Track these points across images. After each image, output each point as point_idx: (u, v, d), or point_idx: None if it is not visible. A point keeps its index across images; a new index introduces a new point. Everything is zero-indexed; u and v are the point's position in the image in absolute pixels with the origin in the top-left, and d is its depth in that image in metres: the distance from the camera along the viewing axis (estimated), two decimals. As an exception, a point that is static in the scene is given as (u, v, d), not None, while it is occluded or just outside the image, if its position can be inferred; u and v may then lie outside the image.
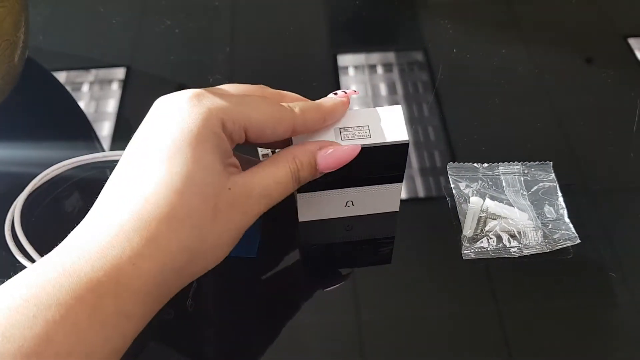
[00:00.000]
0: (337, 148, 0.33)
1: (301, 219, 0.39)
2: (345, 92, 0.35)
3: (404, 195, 0.43)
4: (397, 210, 0.39)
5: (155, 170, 0.28)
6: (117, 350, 0.27)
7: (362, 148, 0.34)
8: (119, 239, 0.27)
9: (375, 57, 0.54)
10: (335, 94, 0.35)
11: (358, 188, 0.37)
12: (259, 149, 0.42)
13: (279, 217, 0.41)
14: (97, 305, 0.25)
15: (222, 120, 0.30)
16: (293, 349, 0.35)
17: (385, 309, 0.37)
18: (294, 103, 0.33)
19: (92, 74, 0.52)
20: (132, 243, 0.27)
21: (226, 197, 0.29)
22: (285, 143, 0.35)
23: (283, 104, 0.33)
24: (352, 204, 0.38)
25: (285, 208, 0.41)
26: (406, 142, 0.34)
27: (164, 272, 0.27)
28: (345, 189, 0.37)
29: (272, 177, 0.32)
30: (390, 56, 0.54)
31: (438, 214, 0.41)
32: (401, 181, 0.37)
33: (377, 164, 0.36)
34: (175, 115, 0.29)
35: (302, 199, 0.37)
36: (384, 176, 0.37)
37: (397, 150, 0.35)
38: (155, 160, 0.28)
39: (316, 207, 0.38)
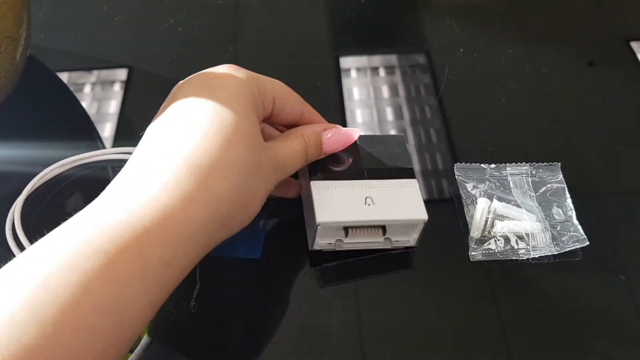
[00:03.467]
0: (339, 130, 0.36)
1: (319, 219, 0.35)
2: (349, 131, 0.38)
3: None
4: (425, 219, 0.35)
5: (204, 120, 0.29)
6: (155, 302, 0.27)
7: (362, 137, 0.38)
8: (169, 186, 0.27)
9: (377, 59, 0.54)
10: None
11: (372, 182, 0.37)
12: None
13: (283, 218, 0.41)
14: (140, 256, 0.25)
15: (257, 86, 0.32)
16: (296, 350, 0.35)
17: (390, 310, 0.37)
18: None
19: (95, 73, 0.52)
20: (184, 188, 0.27)
21: (264, 154, 0.32)
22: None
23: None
24: (372, 202, 0.36)
25: (290, 209, 0.40)
26: (401, 135, 0.40)
27: (212, 218, 0.28)
28: (360, 182, 0.37)
29: (288, 148, 0.34)
30: (393, 58, 0.54)
31: (445, 215, 0.41)
32: (413, 177, 0.37)
33: (380, 151, 0.39)
34: (217, 77, 0.31)
35: (317, 187, 0.36)
36: (393, 168, 0.38)
37: (396, 140, 0.40)
38: (202, 112, 0.29)
39: (333, 202, 0.36)
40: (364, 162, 0.38)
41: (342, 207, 0.35)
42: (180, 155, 0.28)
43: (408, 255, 0.39)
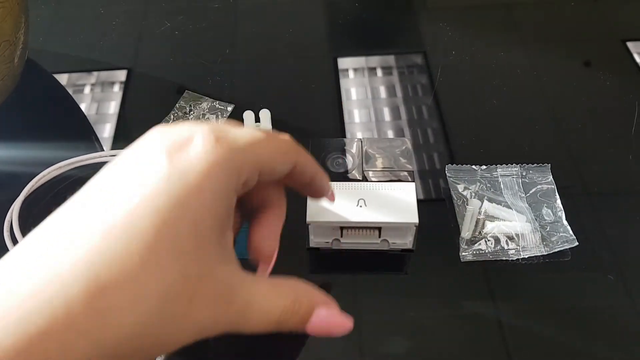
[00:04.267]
0: (335, 317, 0.27)
1: (309, 218, 0.36)
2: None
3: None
4: (415, 222, 0.36)
5: (135, 218, 0.21)
6: None
7: (367, 140, 0.40)
8: (53, 303, 0.19)
9: (375, 60, 0.54)
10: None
11: (369, 184, 0.37)
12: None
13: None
14: None
15: (240, 168, 0.24)
16: (294, 350, 0.35)
17: (383, 310, 0.37)
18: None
19: (93, 76, 0.53)
20: (70, 310, 0.19)
21: (209, 287, 0.22)
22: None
23: (278, 135, 0.28)
24: (365, 204, 0.36)
25: (290, 209, 0.41)
26: (405, 139, 0.41)
27: (94, 357, 0.20)
28: (357, 184, 0.37)
29: (263, 301, 0.25)
30: (390, 59, 0.54)
31: (436, 216, 0.41)
32: (412, 180, 0.38)
33: (383, 156, 0.39)
34: (184, 154, 0.23)
35: None
36: (393, 171, 0.38)
37: (399, 144, 0.40)
38: (138, 204, 0.21)
39: (326, 204, 0.36)
40: (365, 164, 0.39)
41: (334, 207, 0.36)
42: (79, 262, 0.20)
43: (400, 256, 0.39)
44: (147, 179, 0.22)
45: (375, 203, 0.36)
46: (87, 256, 0.20)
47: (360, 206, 0.36)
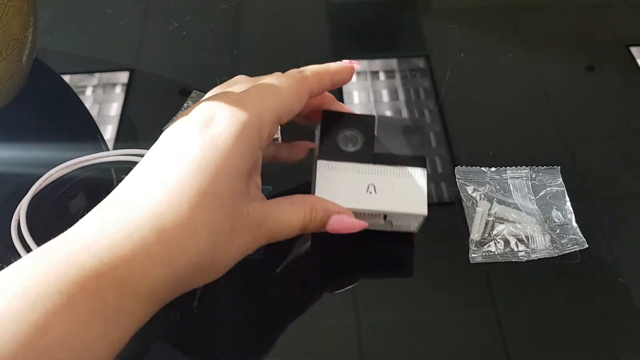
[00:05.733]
0: (350, 219, 0.34)
1: (319, 189, 0.36)
2: (350, 61, 0.37)
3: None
4: (424, 214, 0.36)
5: (182, 177, 0.28)
6: (113, 347, 0.26)
7: (380, 118, 0.38)
8: (132, 238, 0.26)
9: (377, 63, 0.54)
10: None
11: (379, 167, 0.36)
12: None
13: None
14: (100, 298, 0.24)
15: (260, 127, 0.30)
16: (297, 350, 0.35)
17: (390, 311, 0.37)
18: (303, 68, 0.34)
19: (98, 76, 0.52)
20: (146, 245, 0.26)
21: (243, 220, 0.30)
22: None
23: (292, 72, 0.34)
24: (374, 190, 0.36)
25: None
26: (424, 124, 0.38)
27: (172, 279, 0.27)
28: (367, 167, 0.36)
29: (285, 217, 0.32)
30: (393, 62, 0.54)
31: (446, 218, 0.41)
32: (424, 166, 0.36)
33: (396, 136, 0.37)
34: (215, 118, 0.29)
35: (322, 167, 0.36)
36: (404, 156, 0.37)
37: (416, 126, 0.38)
38: (183, 167, 0.28)
39: (335, 186, 0.36)
40: (377, 145, 0.37)
41: (342, 192, 0.35)
42: (149, 210, 0.27)
43: (408, 256, 0.39)
44: (187, 149, 0.28)
45: (385, 190, 0.36)
46: (153, 208, 0.27)
47: (370, 192, 0.35)
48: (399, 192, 0.36)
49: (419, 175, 0.36)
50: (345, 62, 0.36)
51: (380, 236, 0.38)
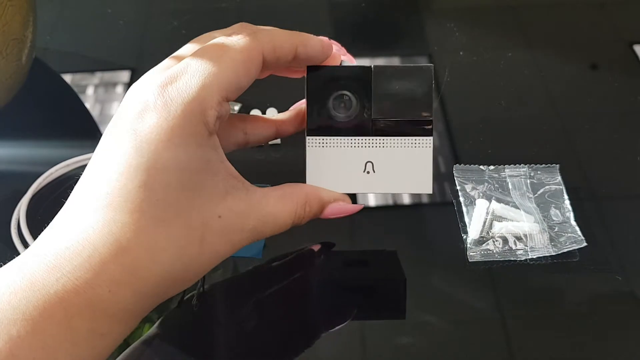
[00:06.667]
0: (345, 205, 0.32)
1: (309, 180, 0.32)
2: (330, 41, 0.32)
3: (408, 199, 0.43)
4: (430, 191, 0.32)
5: (127, 190, 0.25)
6: None
7: (378, 69, 0.32)
8: (93, 262, 0.24)
9: (380, 61, 0.54)
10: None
11: (378, 140, 0.32)
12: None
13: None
14: (68, 323, 0.23)
15: (202, 112, 0.26)
16: (296, 349, 0.35)
17: (387, 311, 0.37)
18: (259, 29, 0.30)
19: (99, 75, 0.53)
20: (108, 270, 0.24)
21: (215, 226, 0.26)
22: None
23: (244, 30, 0.29)
24: (373, 169, 0.32)
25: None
26: (428, 66, 0.32)
27: (143, 298, 0.25)
28: (364, 140, 0.32)
29: (272, 215, 0.29)
30: (395, 61, 0.54)
31: (444, 216, 0.41)
32: (430, 134, 0.32)
33: (397, 93, 0.32)
34: (144, 122, 0.25)
35: (312, 146, 0.32)
36: (407, 121, 0.32)
37: (420, 75, 0.32)
38: (123, 176, 0.25)
39: (328, 168, 0.32)
40: (374, 107, 0.32)
41: (337, 175, 0.32)
42: (107, 233, 0.24)
43: (406, 254, 0.39)
44: (121, 154, 0.25)
45: (385, 168, 0.32)
46: (107, 227, 0.24)
47: (368, 172, 0.32)
48: (400, 170, 0.32)
49: (423, 147, 0.32)
50: (321, 37, 0.31)
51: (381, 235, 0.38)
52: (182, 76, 0.26)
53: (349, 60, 0.33)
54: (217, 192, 0.27)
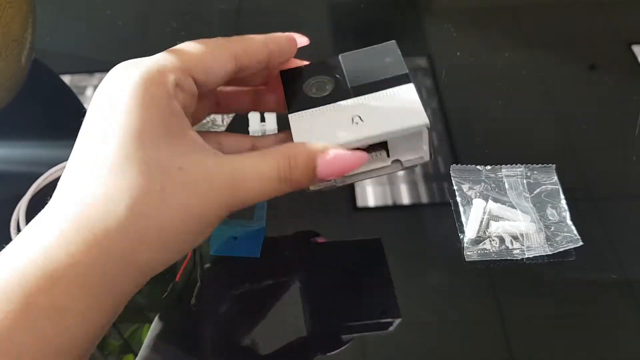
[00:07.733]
0: (342, 153, 0.28)
1: (296, 139, 0.30)
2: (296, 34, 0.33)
3: (406, 199, 0.43)
4: (425, 123, 0.29)
5: (95, 144, 0.26)
6: (64, 350, 0.23)
7: (345, 55, 0.33)
8: (49, 224, 0.24)
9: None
10: None
11: (359, 99, 0.31)
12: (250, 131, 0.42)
13: (282, 217, 0.41)
14: (26, 301, 0.22)
15: (161, 73, 0.27)
16: (296, 348, 0.36)
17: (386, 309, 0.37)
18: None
19: (98, 77, 0.53)
20: (63, 228, 0.23)
21: (177, 178, 0.25)
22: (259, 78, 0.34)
23: (219, 38, 0.30)
24: (360, 119, 0.30)
25: (289, 208, 0.41)
26: (392, 42, 0.34)
27: (102, 260, 0.24)
28: (345, 102, 0.31)
29: (250, 166, 0.27)
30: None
31: (441, 216, 0.41)
32: (410, 81, 0.32)
33: (369, 66, 0.33)
34: (117, 82, 0.27)
35: (295, 120, 0.31)
36: (384, 79, 0.32)
37: (386, 49, 0.33)
38: (95, 131, 0.26)
39: (314, 129, 0.31)
40: (350, 80, 0.32)
41: (324, 132, 0.30)
42: (62, 191, 0.25)
43: (404, 254, 0.39)
44: (87, 117, 0.27)
45: (373, 115, 0.30)
46: (76, 183, 0.25)
47: (356, 122, 0.30)
48: (389, 111, 0.30)
49: (406, 91, 0.31)
50: (287, 33, 0.32)
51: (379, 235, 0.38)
52: (153, 56, 0.28)
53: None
54: (178, 148, 0.26)
